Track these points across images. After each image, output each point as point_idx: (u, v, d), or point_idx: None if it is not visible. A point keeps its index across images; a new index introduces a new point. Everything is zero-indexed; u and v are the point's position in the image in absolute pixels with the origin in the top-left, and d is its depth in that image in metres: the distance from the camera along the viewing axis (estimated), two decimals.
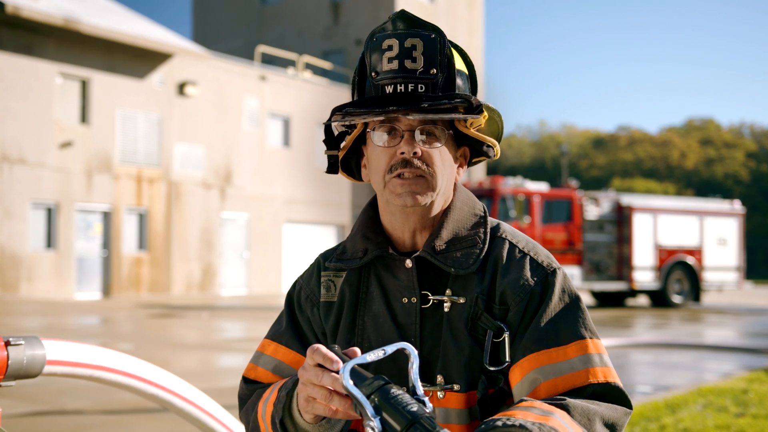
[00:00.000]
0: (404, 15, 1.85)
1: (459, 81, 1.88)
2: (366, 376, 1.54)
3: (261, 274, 32.76)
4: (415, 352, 1.55)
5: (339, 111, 1.87)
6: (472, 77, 1.94)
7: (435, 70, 1.83)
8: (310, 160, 34.17)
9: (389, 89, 1.83)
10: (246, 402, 2.05)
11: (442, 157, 1.88)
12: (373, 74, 1.86)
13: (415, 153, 1.84)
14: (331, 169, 2.01)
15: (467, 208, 1.97)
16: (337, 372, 1.57)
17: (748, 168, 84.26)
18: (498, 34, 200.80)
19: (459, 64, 1.90)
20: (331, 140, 1.98)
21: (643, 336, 16.54)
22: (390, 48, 1.83)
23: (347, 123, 1.90)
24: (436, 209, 1.92)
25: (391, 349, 1.56)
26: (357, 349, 1.62)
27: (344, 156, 2.00)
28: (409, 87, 1.82)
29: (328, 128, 1.96)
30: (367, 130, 1.92)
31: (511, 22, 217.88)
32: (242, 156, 32.36)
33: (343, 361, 1.57)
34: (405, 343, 1.57)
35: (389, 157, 1.86)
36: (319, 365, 1.60)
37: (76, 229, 27.38)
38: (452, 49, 1.88)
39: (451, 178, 1.93)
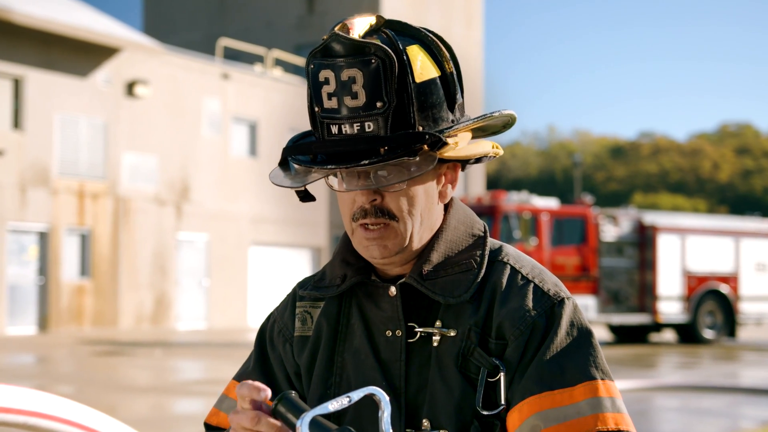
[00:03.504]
0: (338, 39, 1.78)
1: (418, 103, 1.82)
2: (329, 428, 1.52)
3: (223, 305, 32.70)
4: (386, 398, 1.54)
5: (289, 153, 1.87)
6: (449, 77, 1.88)
7: (381, 103, 1.78)
8: None
9: (334, 129, 1.80)
10: None
11: (410, 193, 1.86)
12: (317, 108, 1.83)
13: (373, 200, 1.84)
14: (306, 198, 1.97)
15: (463, 227, 1.96)
16: (269, 400, 1.56)
17: None
18: (500, 26, 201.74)
19: (425, 69, 1.84)
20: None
21: (669, 377, 16.57)
22: (327, 81, 1.80)
23: (295, 185, 1.88)
24: (418, 244, 1.91)
25: (357, 395, 1.55)
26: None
27: None
28: (355, 127, 1.79)
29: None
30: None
31: (516, 11, 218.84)
32: (201, 167, 32.36)
33: (301, 412, 1.54)
34: (373, 387, 1.56)
35: (350, 202, 1.87)
36: (257, 408, 1.58)
37: (8, 252, 27.29)
38: (409, 56, 1.81)
39: (430, 208, 1.91)
